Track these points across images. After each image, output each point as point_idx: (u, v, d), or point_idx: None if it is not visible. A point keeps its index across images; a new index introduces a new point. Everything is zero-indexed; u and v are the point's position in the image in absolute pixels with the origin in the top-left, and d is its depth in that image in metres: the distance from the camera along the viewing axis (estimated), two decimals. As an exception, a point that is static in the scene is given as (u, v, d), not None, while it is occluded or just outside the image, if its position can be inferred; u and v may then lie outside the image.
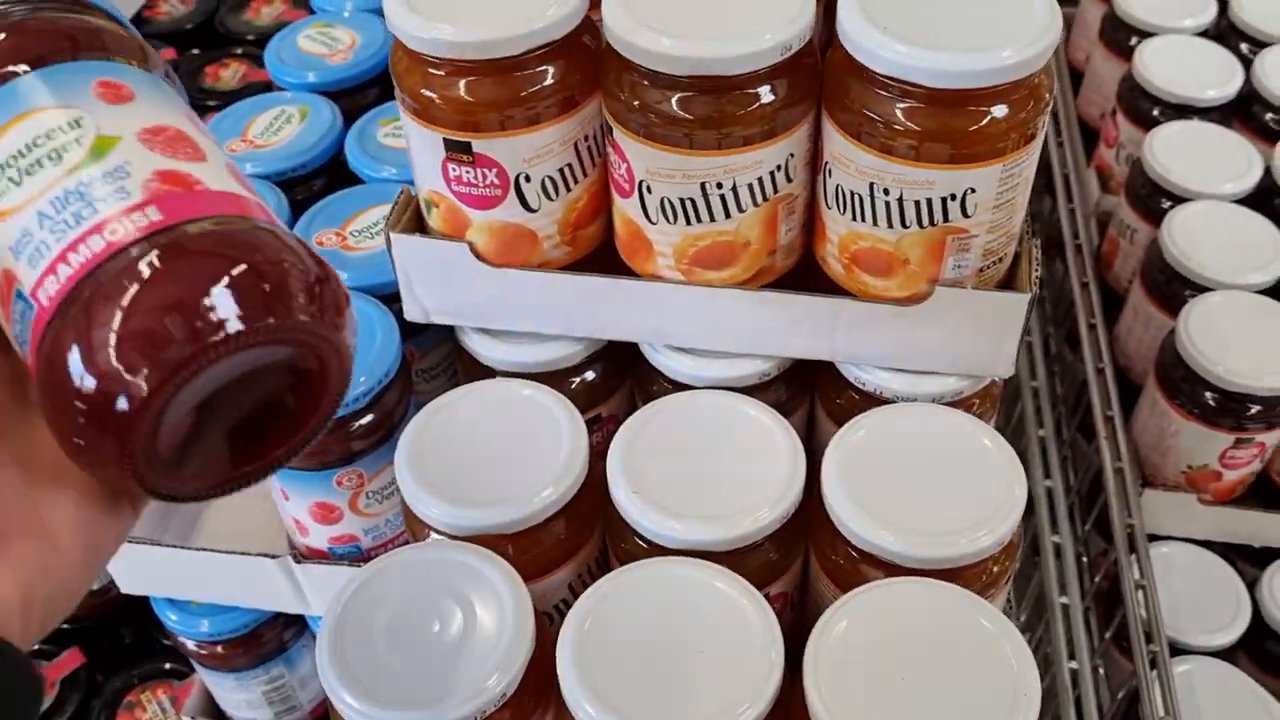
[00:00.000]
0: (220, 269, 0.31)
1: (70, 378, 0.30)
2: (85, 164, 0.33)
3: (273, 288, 0.31)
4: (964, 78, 0.50)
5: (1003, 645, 0.49)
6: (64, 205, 0.32)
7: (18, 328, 0.32)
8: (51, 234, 0.31)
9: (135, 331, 0.30)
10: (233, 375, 0.32)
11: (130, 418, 0.30)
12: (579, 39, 0.57)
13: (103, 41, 0.36)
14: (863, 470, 0.56)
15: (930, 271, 0.57)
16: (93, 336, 0.30)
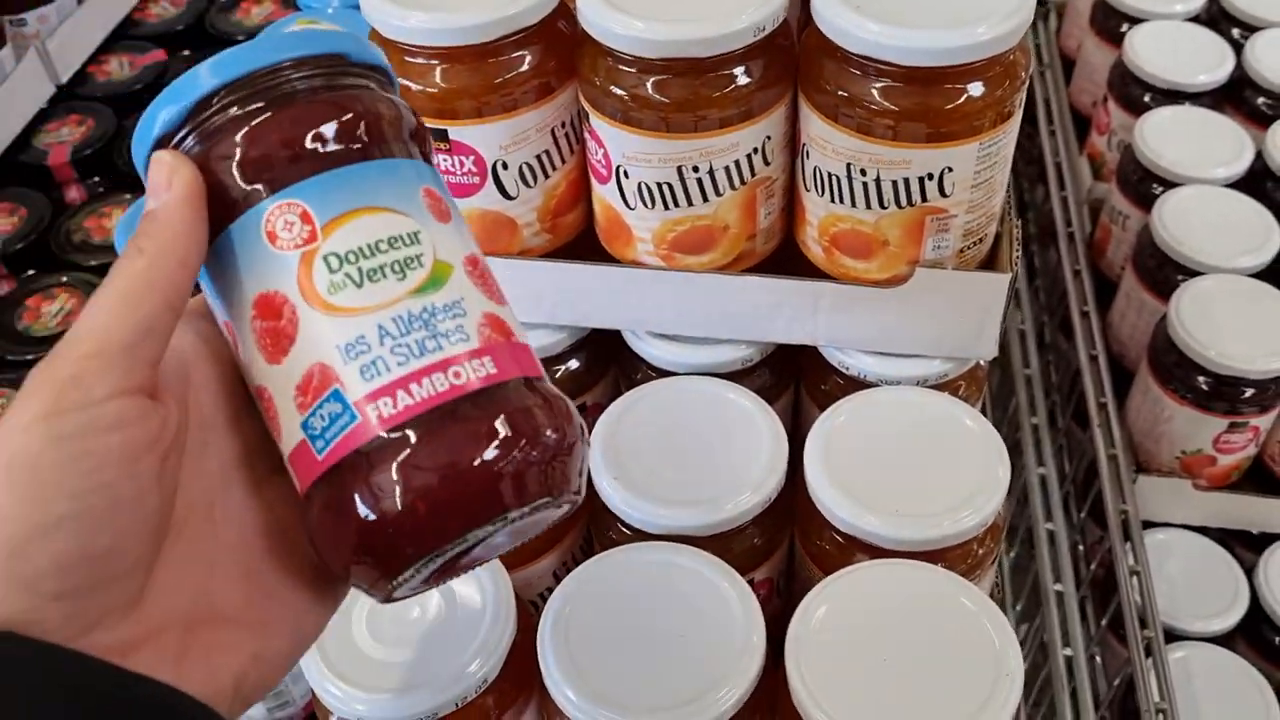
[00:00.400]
0: (535, 436, 0.33)
1: (381, 499, 0.31)
2: (427, 289, 0.33)
3: (569, 459, 0.34)
4: (938, 55, 0.50)
5: (984, 624, 0.49)
6: (408, 328, 0.32)
7: (319, 423, 0.32)
8: (393, 354, 0.32)
9: (454, 479, 0.31)
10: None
11: (415, 552, 0.32)
12: (554, 25, 0.57)
13: (423, 137, 0.37)
14: (846, 453, 0.56)
15: (910, 253, 0.56)
16: (414, 470, 0.31)
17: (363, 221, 0.33)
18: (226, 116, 0.33)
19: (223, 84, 0.33)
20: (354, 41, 0.35)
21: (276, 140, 0.32)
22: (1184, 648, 0.82)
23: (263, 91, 0.33)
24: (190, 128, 0.33)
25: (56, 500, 0.27)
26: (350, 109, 0.33)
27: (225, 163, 0.32)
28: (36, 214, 0.96)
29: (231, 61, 0.33)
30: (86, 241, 0.94)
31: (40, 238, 0.94)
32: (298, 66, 0.33)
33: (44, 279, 0.90)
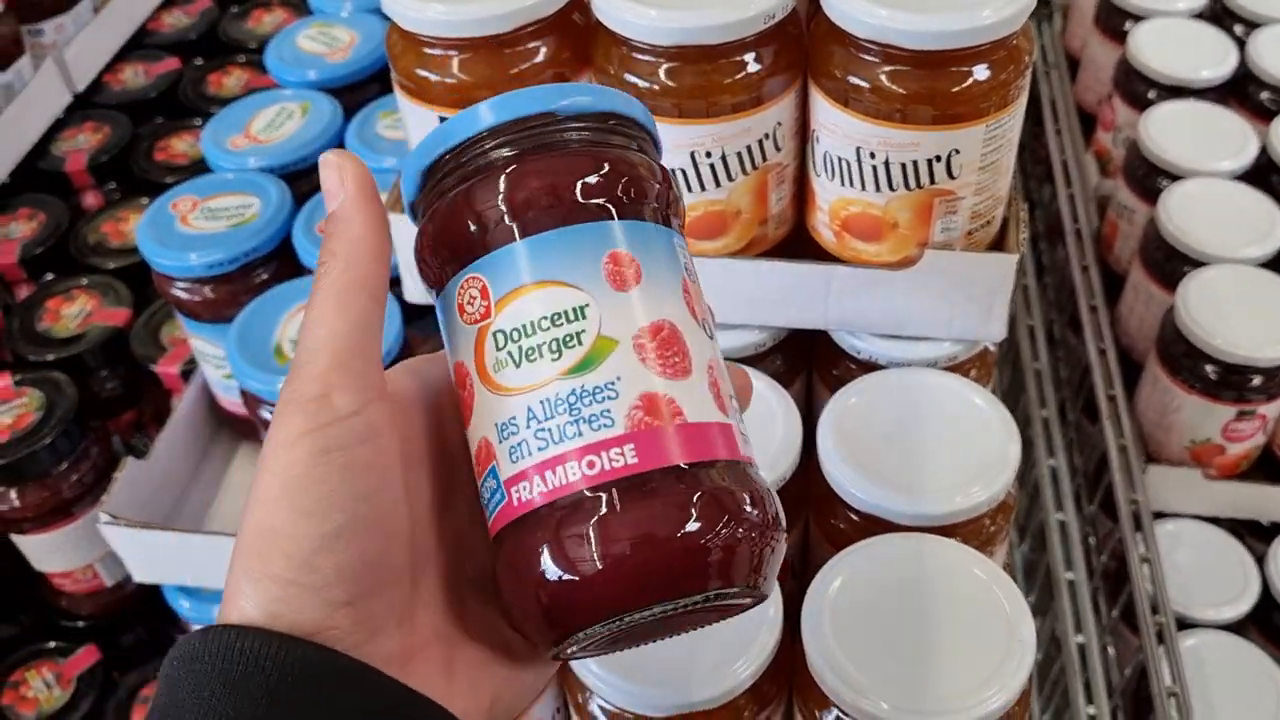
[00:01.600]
0: (673, 529, 0.30)
1: (525, 587, 0.31)
2: (580, 370, 0.32)
3: (724, 553, 0.31)
4: (944, 39, 0.51)
5: (996, 593, 0.50)
6: (551, 412, 0.31)
7: (485, 494, 0.33)
8: (535, 438, 0.32)
9: (589, 564, 0.30)
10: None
11: (563, 627, 0.31)
12: (569, 16, 0.58)
13: (638, 192, 0.34)
14: (857, 433, 0.57)
15: (919, 235, 0.57)
16: (543, 551, 0.31)
17: (531, 297, 0.32)
18: (442, 187, 0.34)
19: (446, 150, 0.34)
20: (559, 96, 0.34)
21: (465, 216, 0.33)
22: (1196, 635, 0.83)
23: (464, 164, 0.34)
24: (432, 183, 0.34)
25: (331, 512, 0.29)
26: (530, 179, 0.33)
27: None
28: (55, 219, 0.97)
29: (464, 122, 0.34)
30: (103, 245, 0.95)
31: (59, 242, 0.96)
32: (494, 135, 0.33)
33: (63, 282, 0.91)
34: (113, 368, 0.87)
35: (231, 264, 0.71)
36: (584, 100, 0.34)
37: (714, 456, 0.31)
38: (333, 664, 0.28)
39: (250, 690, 0.27)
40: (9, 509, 0.80)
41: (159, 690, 0.29)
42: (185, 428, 0.78)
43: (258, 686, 0.27)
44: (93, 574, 0.86)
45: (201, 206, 0.73)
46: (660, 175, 0.35)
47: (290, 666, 0.27)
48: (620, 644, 0.34)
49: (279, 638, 0.28)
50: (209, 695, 0.27)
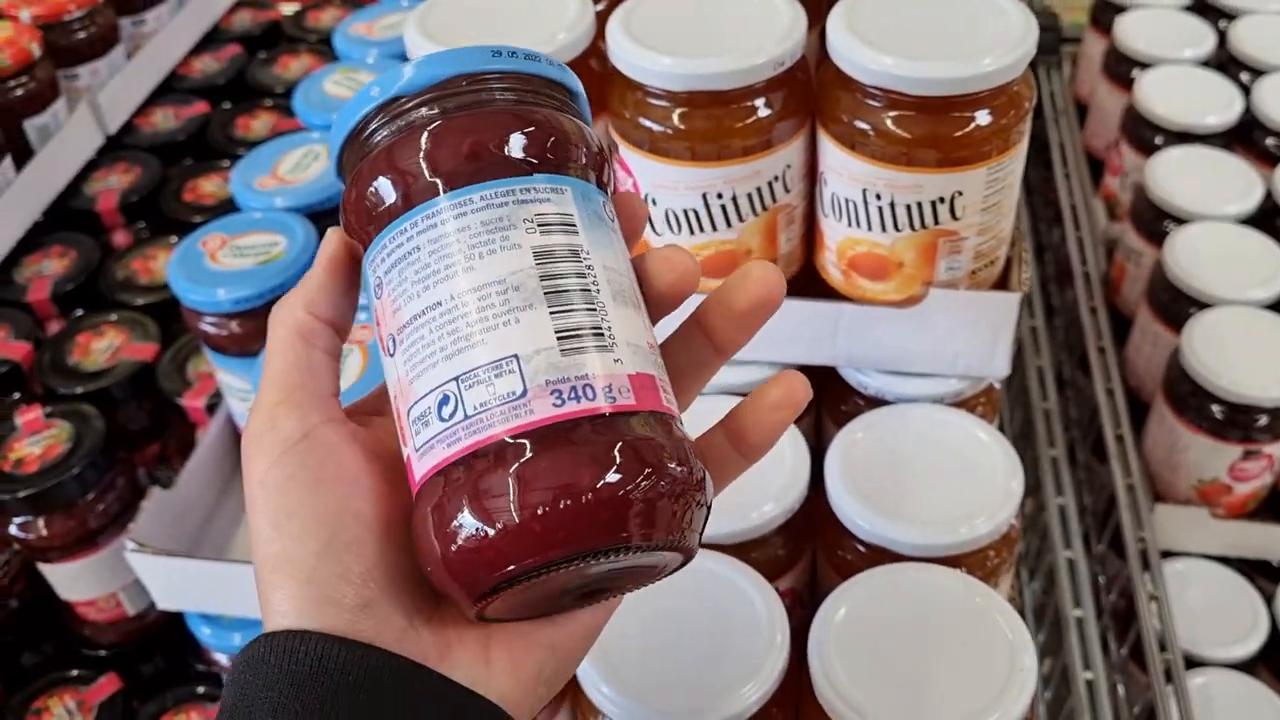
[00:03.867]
0: (591, 480, 0.29)
1: (437, 543, 0.30)
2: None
3: (643, 509, 0.30)
4: (948, 85, 0.53)
5: (999, 622, 0.51)
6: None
7: (407, 455, 0.32)
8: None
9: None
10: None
11: (470, 596, 0.31)
12: (586, 63, 0.60)
13: (565, 148, 0.33)
14: (864, 466, 0.59)
15: (924, 274, 0.59)
16: (450, 526, 0.30)
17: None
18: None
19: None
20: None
21: (389, 173, 0.33)
22: (1204, 674, 0.83)
23: (387, 124, 0.33)
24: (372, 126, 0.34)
25: (317, 530, 0.31)
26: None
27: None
28: (86, 256, 1.00)
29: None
30: (132, 282, 0.97)
31: (89, 279, 0.98)
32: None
33: (93, 317, 0.94)
34: (139, 401, 0.90)
35: (258, 300, 0.73)
36: (509, 62, 0.33)
37: (643, 408, 0.31)
38: (390, 664, 0.30)
39: (316, 688, 0.29)
40: (37, 538, 0.82)
41: (226, 694, 0.30)
42: (209, 459, 0.80)
43: (324, 685, 0.29)
44: (116, 603, 0.88)
45: (230, 244, 0.76)
46: (577, 127, 0.34)
47: (351, 665, 0.29)
48: (550, 606, 0.33)
49: (338, 640, 0.29)
50: (278, 695, 0.29)
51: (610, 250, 0.33)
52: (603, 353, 0.31)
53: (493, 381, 0.30)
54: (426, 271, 0.31)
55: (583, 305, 0.31)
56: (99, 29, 1.06)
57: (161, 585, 0.74)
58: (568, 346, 0.30)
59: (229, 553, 0.75)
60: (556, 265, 0.31)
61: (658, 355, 0.33)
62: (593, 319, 0.31)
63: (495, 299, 0.31)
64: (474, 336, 0.30)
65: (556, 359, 0.30)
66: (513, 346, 0.30)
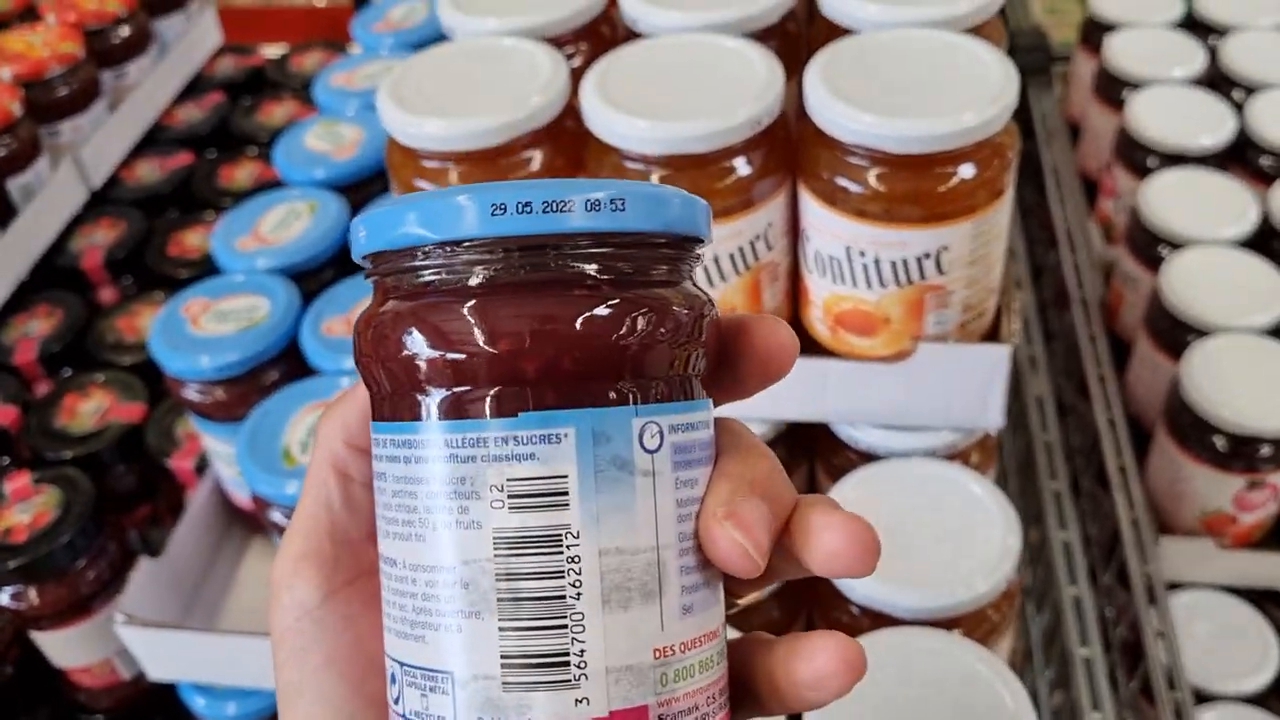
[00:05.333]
0: None
1: None
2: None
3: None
4: (929, 142, 0.52)
5: (999, 690, 0.50)
6: None
7: None
8: None
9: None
10: None
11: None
12: (562, 124, 0.59)
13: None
14: (858, 527, 0.57)
15: (913, 329, 0.58)
16: None
17: None
18: None
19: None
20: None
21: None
22: (1216, 709, 0.82)
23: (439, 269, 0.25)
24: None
25: (326, 713, 0.28)
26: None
27: None
28: (72, 315, 0.99)
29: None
30: (120, 342, 0.97)
31: (76, 338, 0.97)
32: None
33: (80, 378, 0.93)
34: (128, 463, 0.89)
35: (242, 366, 0.72)
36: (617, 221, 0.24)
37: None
38: None
39: None
40: (28, 607, 0.81)
41: None
42: (198, 524, 0.79)
43: None
44: (110, 668, 0.87)
45: (213, 309, 0.75)
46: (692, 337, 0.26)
47: None
48: None
49: None
50: None
51: (634, 517, 0.24)
52: (560, 691, 0.24)
53: (427, 694, 0.25)
54: (388, 514, 0.26)
55: (546, 621, 0.24)
56: (80, 84, 1.05)
57: (152, 657, 0.73)
58: (511, 680, 0.24)
59: (220, 619, 0.74)
60: (522, 560, 0.24)
61: (695, 653, 0.25)
62: (557, 641, 0.24)
63: (444, 589, 0.24)
64: (418, 626, 0.25)
65: (496, 694, 0.24)
66: (449, 661, 0.24)
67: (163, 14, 1.21)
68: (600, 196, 0.24)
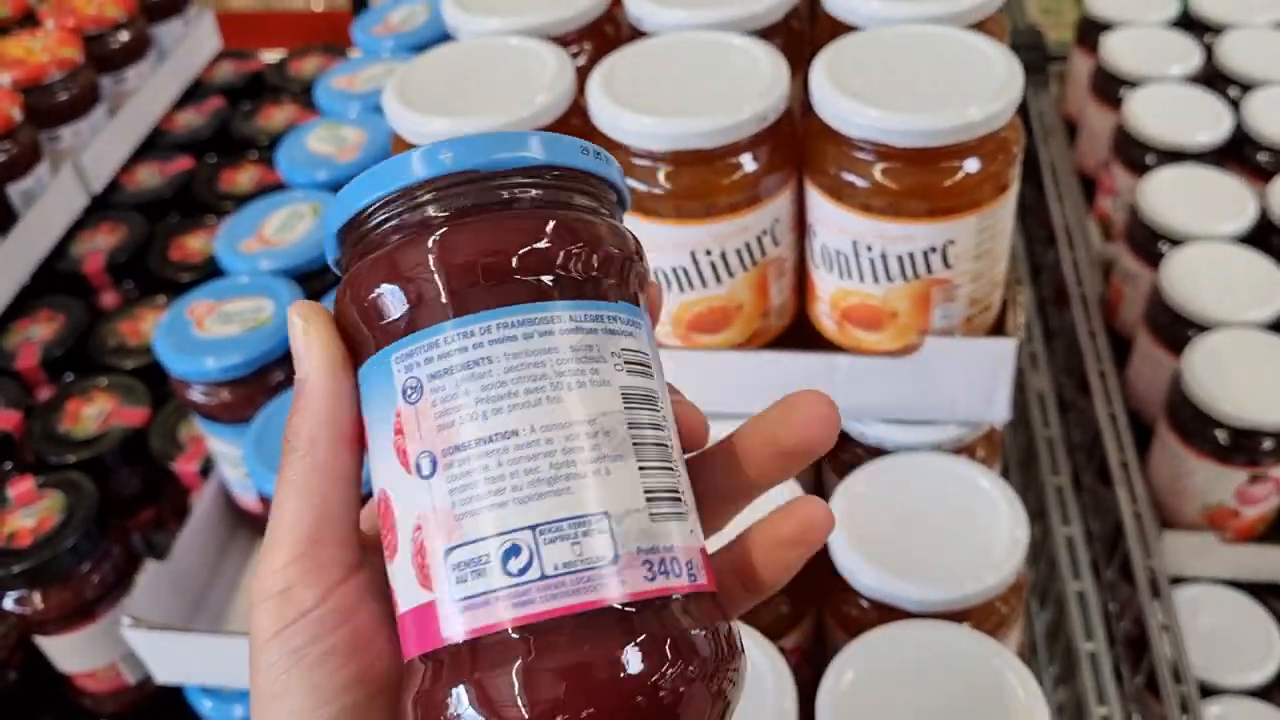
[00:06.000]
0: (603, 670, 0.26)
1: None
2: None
3: (718, 694, 0.27)
4: (934, 136, 0.52)
5: (1011, 681, 0.50)
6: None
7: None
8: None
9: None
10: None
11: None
12: (568, 123, 0.59)
13: (629, 274, 0.29)
14: (866, 520, 0.58)
15: (919, 323, 0.58)
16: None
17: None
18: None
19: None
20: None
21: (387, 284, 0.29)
22: (1221, 702, 0.82)
23: (387, 222, 0.28)
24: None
25: (320, 708, 0.28)
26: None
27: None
28: (74, 320, 0.99)
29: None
30: (122, 345, 0.97)
31: (78, 343, 0.97)
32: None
33: (82, 382, 0.93)
34: (132, 467, 0.88)
35: (247, 367, 0.72)
36: (533, 153, 0.28)
37: (707, 588, 0.28)
38: None
39: None
40: (33, 611, 0.81)
41: None
42: (204, 527, 0.79)
43: None
44: (115, 673, 0.87)
45: (217, 311, 0.75)
46: (622, 238, 0.29)
47: None
48: None
49: None
50: None
51: (666, 394, 0.29)
52: (681, 521, 0.27)
53: (579, 540, 0.26)
54: (501, 391, 0.27)
55: (662, 463, 0.28)
56: (80, 89, 1.05)
57: (159, 660, 0.73)
58: (656, 511, 0.27)
59: (227, 622, 0.74)
60: (640, 413, 0.27)
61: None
62: (673, 480, 0.28)
63: (584, 441, 0.26)
64: (558, 482, 0.26)
65: (647, 524, 0.26)
66: (604, 502, 0.26)
67: (161, 19, 1.21)
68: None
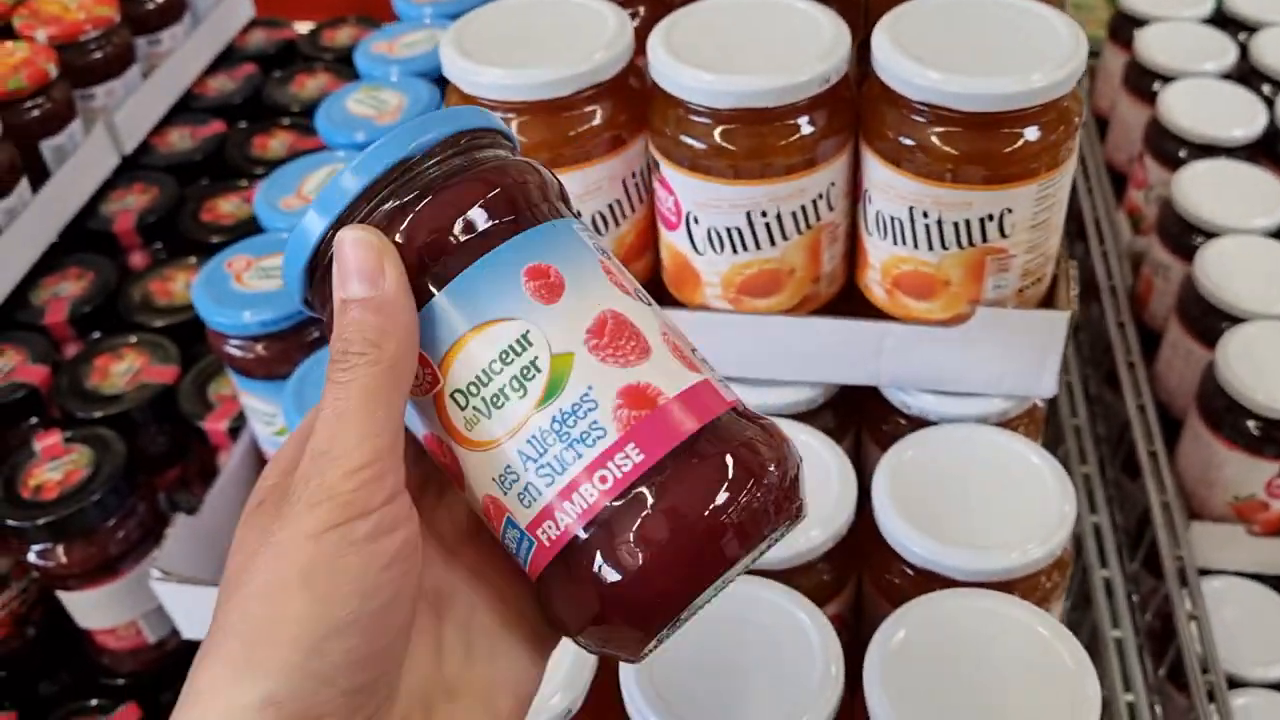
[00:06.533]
0: (711, 499, 0.31)
1: (604, 606, 0.31)
2: (551, 396, 0.31)
3: (768, 495, 0.32)
4: (996, 101, 0.52)
5: (1060, 652, 0.50)
6: (544, 447, 0.31)
7: (513, 548, 0.33)
8: (540, 478, 0.31)
9: (646, 567, 0.31)
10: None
11: (645, 641, 0.33)
12: (625, 81, 0.59)
13: (525, 199, 0.33)
14: (913, 488, 0.57)
15: (971, 292, 0.58)
16: (609, 589, 0.31)
17: (472, 346, 0.32)
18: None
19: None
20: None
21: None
22: (1246, 694, 0.82)
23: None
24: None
25: (350, 600, 0.29)
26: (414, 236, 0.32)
27: None
28: (103, 278, 0.99)
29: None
30: (151, 304, 0.96)
31: (107, 301, 0.97)
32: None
33: (111, 340, 0.92)
34: (160, 424, 0.88)
35: (285, 322, 0.72)
36: (432, 133, 0.33)
37: (710, 418, 0.32)
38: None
39: None
40: (56, 565, 0.80)
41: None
42: (234, 484, 0.79)
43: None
44: (135, 630, 0.87)
45: (255, 266, 0.75)
46: (533, 170, 0.34)
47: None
48: (695, 611, 0.34)
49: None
50: None
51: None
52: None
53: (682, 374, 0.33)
54: (614, 272, 0.34)
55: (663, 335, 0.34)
56: (115, 49, 1.05)
57: (187, 614, 0.73)
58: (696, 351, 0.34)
59: (255, 580, 0.74)
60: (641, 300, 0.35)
61: (695, 352, 0.35)
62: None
63: (641, 300, 0.34)
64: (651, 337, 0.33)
65: (705, 354, 0.34)
66: (686, 341, 0.34)
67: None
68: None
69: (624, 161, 0.60)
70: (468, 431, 0.32)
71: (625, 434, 0.31)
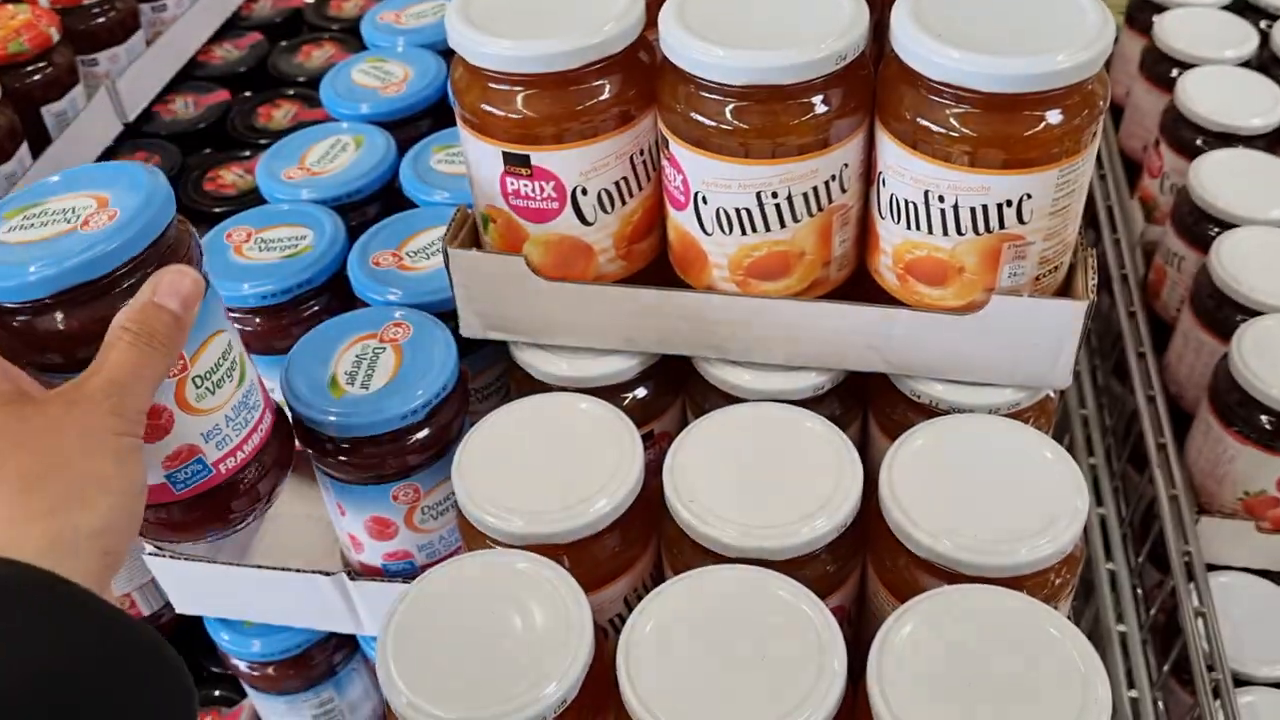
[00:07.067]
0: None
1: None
2: (244, 381, 0.57)
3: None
4: (1018, 82, 0.51)
5: (1070, 651, 0.48)
6: (239, 411, 0.56)
7: (185, 477, 0.55)
8: (233, 430, 0.56)
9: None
10: None
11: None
12: (635, 55, 0.58)
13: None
14: (921, 479, 0.56)
15: (986, 280, 0.57)
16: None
17: (211, 346, 0.54)
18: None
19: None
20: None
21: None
22: (1251, 693, 0.81)
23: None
24: None
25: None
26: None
27: None
28: (103, 247, 0.97)
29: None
30: (151, 274, 0.95)
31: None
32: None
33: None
34: (157, 397, 0.87)
35: (284, 295, 0.71)
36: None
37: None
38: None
39: None
40: (51, 537, 0.79)
41: None
42: (230, 459, 0.78)
43: None
44: (130, 603, 0.86)
45: (256, 237, 0.73)
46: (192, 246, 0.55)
47: None
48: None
49: None
50: None
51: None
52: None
53: None
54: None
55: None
56: (119, 14, 1.03)
57: (180, 590, 0.72)
58: None
59: (249, 556, 0.73)
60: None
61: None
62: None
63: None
64: None
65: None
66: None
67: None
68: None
69: (632, 138, 0.58)
70: (196, 402, 0.54)
71: (266, 404, 0.62)
